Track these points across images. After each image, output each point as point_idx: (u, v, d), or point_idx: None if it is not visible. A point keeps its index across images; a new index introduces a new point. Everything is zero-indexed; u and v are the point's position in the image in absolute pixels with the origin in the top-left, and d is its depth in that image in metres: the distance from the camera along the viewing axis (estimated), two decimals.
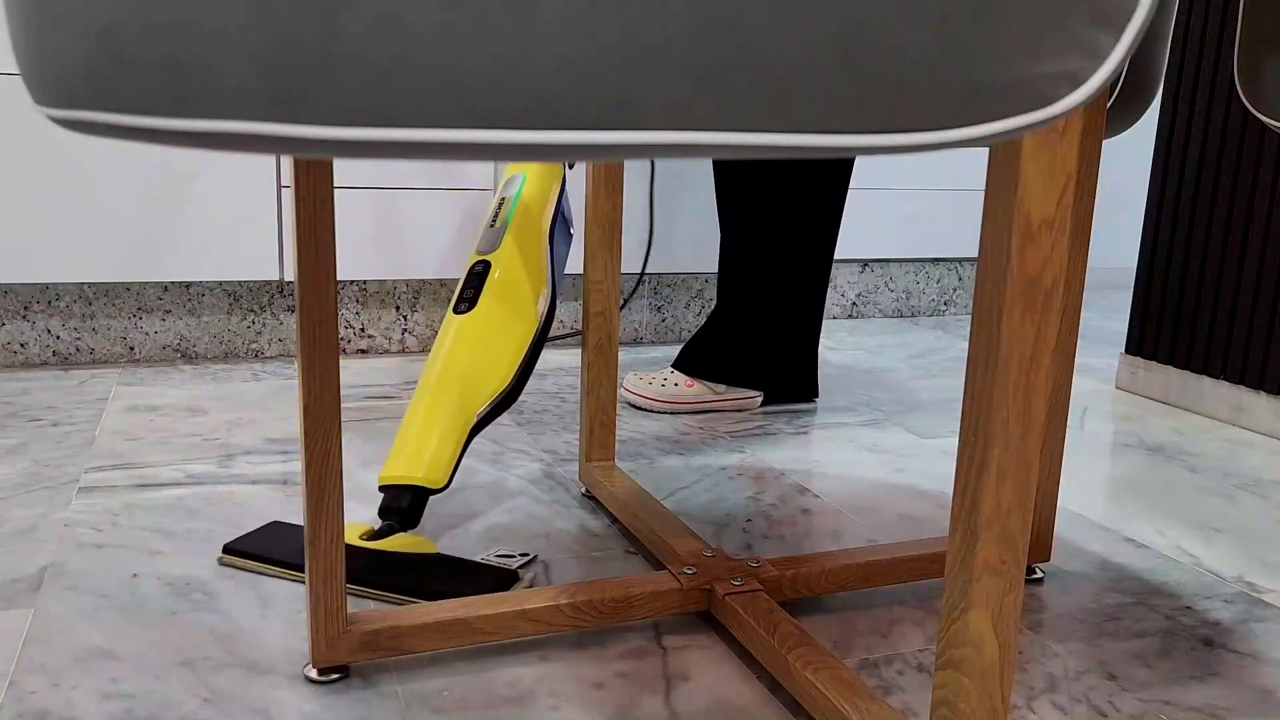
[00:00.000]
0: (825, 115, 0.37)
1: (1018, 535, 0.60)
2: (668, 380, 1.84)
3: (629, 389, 1.85)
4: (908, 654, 1.04)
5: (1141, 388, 2.09)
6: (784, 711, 0.93)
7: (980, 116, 0.39)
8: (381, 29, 0.33)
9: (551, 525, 1.31)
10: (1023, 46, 0.39)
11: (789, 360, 1.85)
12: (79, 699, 0.90)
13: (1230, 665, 1.04)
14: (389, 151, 0.35)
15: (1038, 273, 0.57)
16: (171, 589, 1.10)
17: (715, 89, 0.35)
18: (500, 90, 0.34)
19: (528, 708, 0.92)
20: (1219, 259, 1.92)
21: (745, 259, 1.80)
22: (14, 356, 1.97)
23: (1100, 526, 1.38)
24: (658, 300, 2.41)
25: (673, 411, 1.83)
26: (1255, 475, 1.62)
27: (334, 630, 0.93)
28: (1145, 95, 1.01)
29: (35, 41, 0.41)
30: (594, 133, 0.35)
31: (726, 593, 1.04)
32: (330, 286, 0.87)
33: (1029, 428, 0.59)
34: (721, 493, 1.45)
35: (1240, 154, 1.88)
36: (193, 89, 0.36)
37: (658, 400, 1.82)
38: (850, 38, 0.36)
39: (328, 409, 0.89)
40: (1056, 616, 1.13)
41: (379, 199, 2.08)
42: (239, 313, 2.09)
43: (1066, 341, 1.12)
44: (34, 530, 1.23)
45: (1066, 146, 0.55)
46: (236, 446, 1.55)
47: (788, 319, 1.83)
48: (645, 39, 0.34)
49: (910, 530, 1.35)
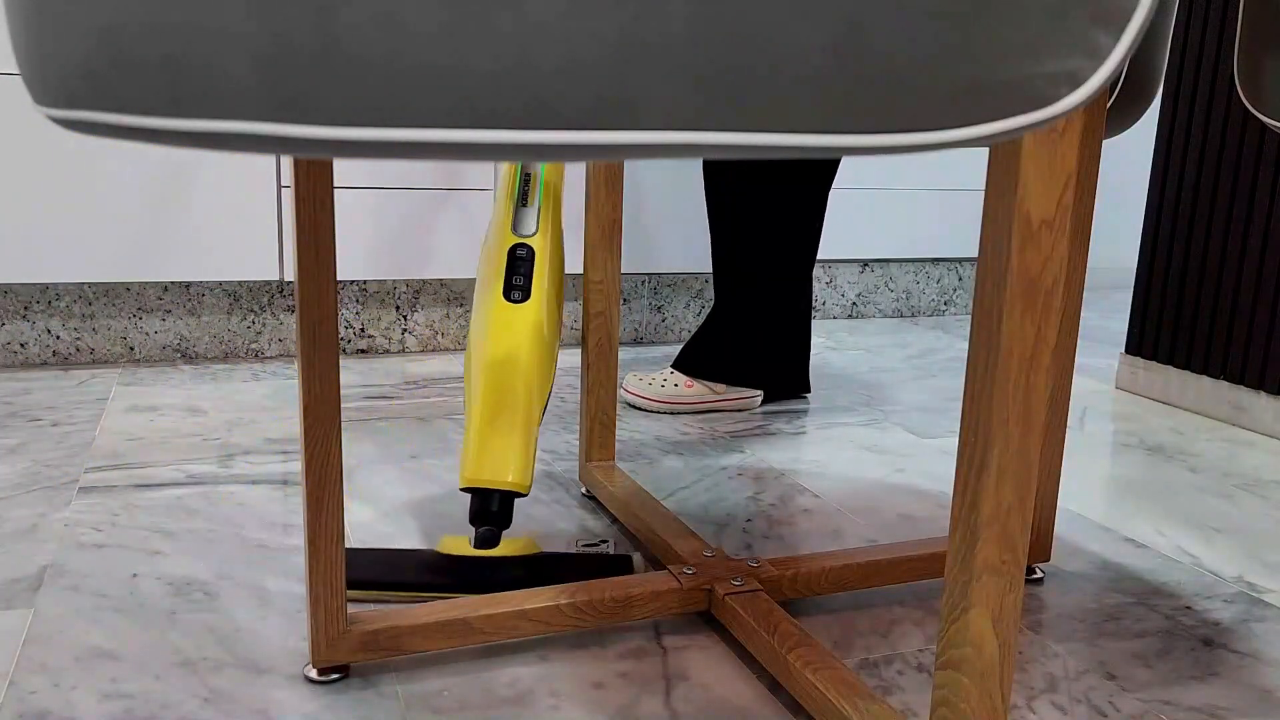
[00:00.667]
0: (825, 115, 0.37)
1: (1018, 535, 0.60)
2: (667, 380, 1.84)
3: (629, 390, 1.85)
4: (908, 654, 1.04)
5: (1141, 388, 2.09)
6: (784, 711, 0.93)
7: (980, 116, 0.39)
8: (381, 29, 0.33)
9: (551, 525, 1.31)
10: (1023, 46, 0.39)
11: (786, 358, 1.86)
12: (79, 699, 0.90)
13: (1230, 665, 1.04)
14: (389, 151, 0.35)
15: (1038, 273, 0.57)
16: (171, 589, 1.10)
17: (715, 89, 0.35)
18: (500, 90, 0.34)
19: (528, 708, 0.92)
20: (1219, 259, 1.92)
21: (741, 259, 1.80)
22: (14, 356, 1.97)
23: (1100, 526, 1.38)
24: (658, 300, 2.41)
25: (672, 412, 1.83)
26: (1255, 475, 1.62)
27: (334, 630, 0.93)
28: (1145, 95, 1.01)
29: (35, 41, 0.41)
30: (594, 133, 0.35)
31: (726, 593, 1.04)
32: (330, 286, 0.87)
33: (1029, 428, 0.59)
34: (721, 493, 1.45)
35: (1240, 154, 1.88)
36: (192, 89, 0.36)
37: (657, 401, 1.82)
38: (850, 38, 0.36)
39: (328, 409, 0.89)
40: (1056, 616, 1.13)
41: (379, 199, 2.08)
42: (239, 313, 2.09)
43: (1066, 341, 1.12)
44: (34, 530, 1.23)
45: (1066, 146, 0.55)
46: (236, 446, 1.55)
47: (783, 316, 1.83)
48: (645, 39, 0.34)
49: (910, 530, 1.35)
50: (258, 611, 1.06)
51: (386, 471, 1.47)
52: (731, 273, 1.82)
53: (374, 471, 1.47)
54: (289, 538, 1.24)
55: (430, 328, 2.23)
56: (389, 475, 1.46)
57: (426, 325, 2.22)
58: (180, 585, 1.11)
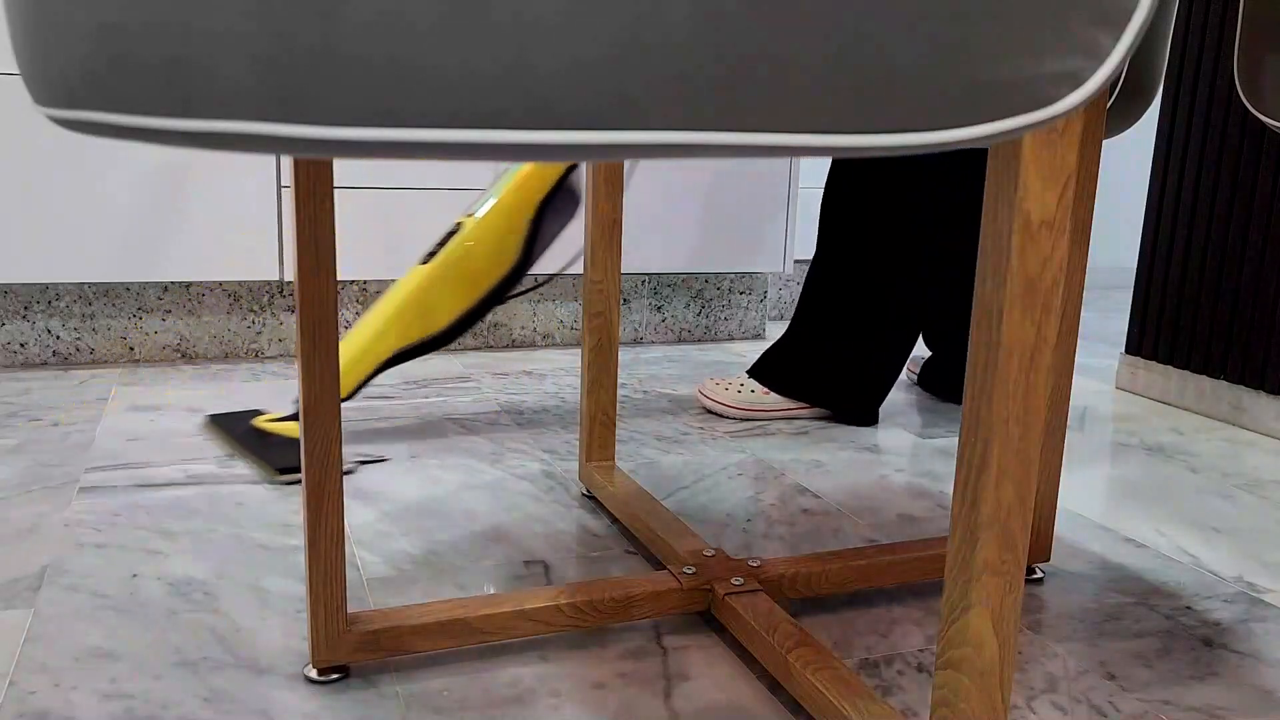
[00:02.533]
0: (825, 115, 0.37)
1: (1018, 535, 0.60)
2: (744, 387, 1.83)
3: (707, 395, 1.84)
4: (908, 654, 1.04)
5: (1141, 388, 2.09)
6: (784, 711, 0.93)
7: (980, 116, 0.39)
8: (381, 29, 0.33)
9: (551, 525, 1.31)
10: (1023, 46, 0.39)
11: (859, 385, 1.82)
12: (79, 699, 0.90)
13: (1230, 665, 1.04)
14: (389, 151, 0.35)
15: (1038, 273, 0.57)
16: (171, 589, 1.10)
17: (716, 89, 0.35)
18: (501, 90, 0.34)
19: (528, 707, 0.92)
20: (1219, 259, 1.92)
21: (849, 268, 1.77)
22: (14, 356, 1.97)
23: (1100, 526, 1.38)
24: (657, 300, 2.41)
25: (750, 419, 1.82)
26: (1255, 475, 1.62)
27: (334, 630, 0.93)
28: (1145, 95, 1.01)
29: (35, 41, 0.41)
30: (594, 133, 0.35)
31: (727, 593, 1.04)
32: (330, 286, 0.87)
33: (1029, 428, 0.59)
34: (721, 493, 1.45)
35: (1240, 154, 1.88)
36: (192, 89, 0.36)
37: (736, 408, 1.81)
38: (850, 38, 0.36)
39: (328, 409, 0.90)
40: (1056, 616, 1.13)
41: (379, 199, 2.08)
42: (239, 313, 2.09)
43: (1066, 341, 1.12)
44: (34, 530, 1.23)
45: (1066, 146, 0.55)
46: None
47: (868, 341, 1.79)
48: (646, 39, 0.34)
49: (910, 530, 1.35)
50: (258, 611, 1.06)
51: (386, 471, 1.48)
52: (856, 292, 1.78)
53: (374, 471, 1.47)
54: (289, 538, 1.24)
55: None
56: (389, 475, 1.46)
57: None
58: (180, 585, 1.11)
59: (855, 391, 1.80)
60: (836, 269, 1.78)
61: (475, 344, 2.28)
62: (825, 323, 1.79)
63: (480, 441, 1.62)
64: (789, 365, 1.81)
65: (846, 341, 1.79)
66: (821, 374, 1.80)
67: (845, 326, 1.78)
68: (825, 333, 1.79)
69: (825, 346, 1.80)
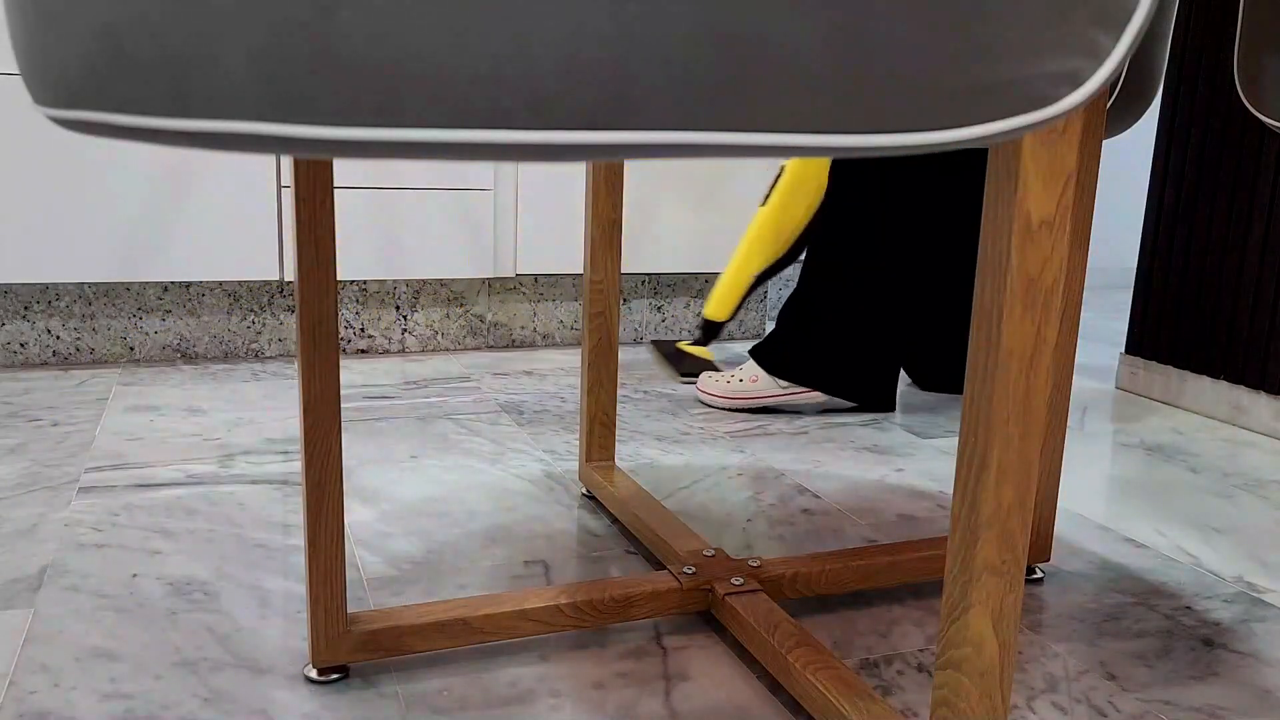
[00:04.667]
0: (825, 115, 0.37)
1: (1018, 535, 0.60)
2: (734, 378, 1.85)
3: (700, 388, 1.89)
4: (908, 654, 1.04)
5: (1141, 388, 2.09)
6: (784, 711, 0.93)
7: (980, 116, 0.39)
8: (381, 29, 0.33)
9: (551, 525, 1.31)
10: (1023, 46, 0.39)
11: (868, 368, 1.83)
12: (79, 699, 0.90)
13: (1230, 665, 1.04)
14: (389, 151, 0.35)
15: (1038, 273, 0.57)
16: (171, 589, 1.10)
17: (715, 89, 0.35)
18: (500, 90, 0.34)
19: (528, 707, 0.92)
20: (1219, 259, 1.92)
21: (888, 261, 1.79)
22: (14, 356, 1.97)
23: (1100, 526, 1.38)
24: (657, 300, 2.41)
25: (734, 409, 1.84)
26: (1255, 475, 1.62)
27: (334, 630, 0.93)
28: (1145, 95, 1.01)
29: (35, 41, 0.41)
30: (594, 133, 0.35)
31: (726, 593, 1.04)
32: (330, 286, 0.87)
33: (1029, 428, 0.59)
34: (721, 493, 1.45)
35: (1240, 154, 1.88)
36: (192, 89, 0.36)
37: (720, 396, 1.85)
38: (850, 38, 0.36)
39: (328, 409, 0.89)
40: (1056, 616, 1.13)
41: (379, 199, 2.08)
42: (239, 313, 2.09)
43: (1066, 341, 1.12)
44: (34, 530, 1.23)
45: (1066, 146, 0.55)
46: (236, 446, 1.55)
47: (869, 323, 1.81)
48: (645, 39, 0.34)
49: (910, 530, 1.35)
50: (257, 611, 1.06)
51: (386, 471, 1.48)
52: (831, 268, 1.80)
53: (374, 471, 1.47)
54: (289, 538, 1.24)
55: (430, 328, 2.23)
56: (389, 475, 1.46)
57: (426, 325, 2.22)
58: (180, 585, 1.11)
59: (866, 377, 1.83)
60: (837, 266, 1.79)
61: (475, 344, 2.28)
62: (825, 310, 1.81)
63: (480, 441, 1.62)
64: (791, 351, 1.83)
65: (848, 328, 1.80)
66: (825, 359, 1.82)
67: (845, 315, 1.80)
68: (825, 319, 1.81)
69: (826, 332, 1.81)
